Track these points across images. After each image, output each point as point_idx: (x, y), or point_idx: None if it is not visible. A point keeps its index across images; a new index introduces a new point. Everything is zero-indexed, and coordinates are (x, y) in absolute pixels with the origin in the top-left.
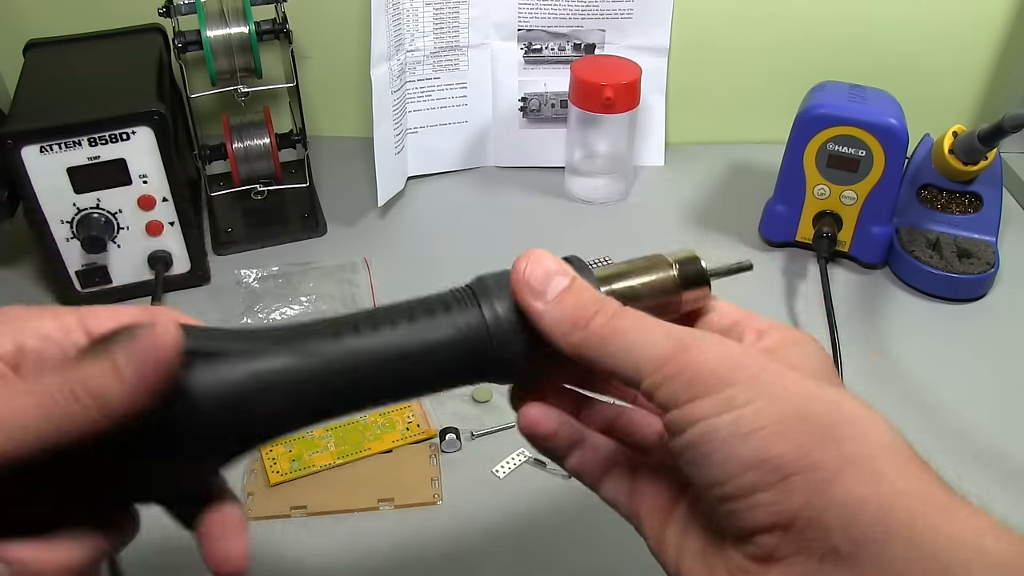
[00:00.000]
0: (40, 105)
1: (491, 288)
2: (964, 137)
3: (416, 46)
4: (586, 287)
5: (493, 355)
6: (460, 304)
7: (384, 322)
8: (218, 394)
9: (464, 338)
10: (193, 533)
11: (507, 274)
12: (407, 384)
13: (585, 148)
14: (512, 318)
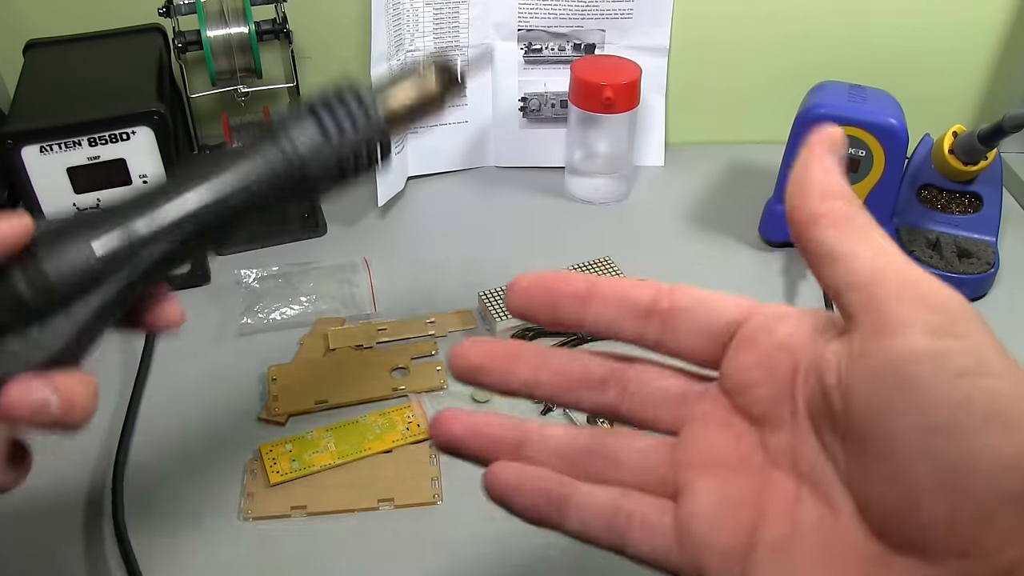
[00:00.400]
0: (40, 105)
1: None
2: (964, 137)
3: (416, 46)
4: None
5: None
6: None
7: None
8: (64, 265)
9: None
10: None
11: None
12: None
13: (585, 148)
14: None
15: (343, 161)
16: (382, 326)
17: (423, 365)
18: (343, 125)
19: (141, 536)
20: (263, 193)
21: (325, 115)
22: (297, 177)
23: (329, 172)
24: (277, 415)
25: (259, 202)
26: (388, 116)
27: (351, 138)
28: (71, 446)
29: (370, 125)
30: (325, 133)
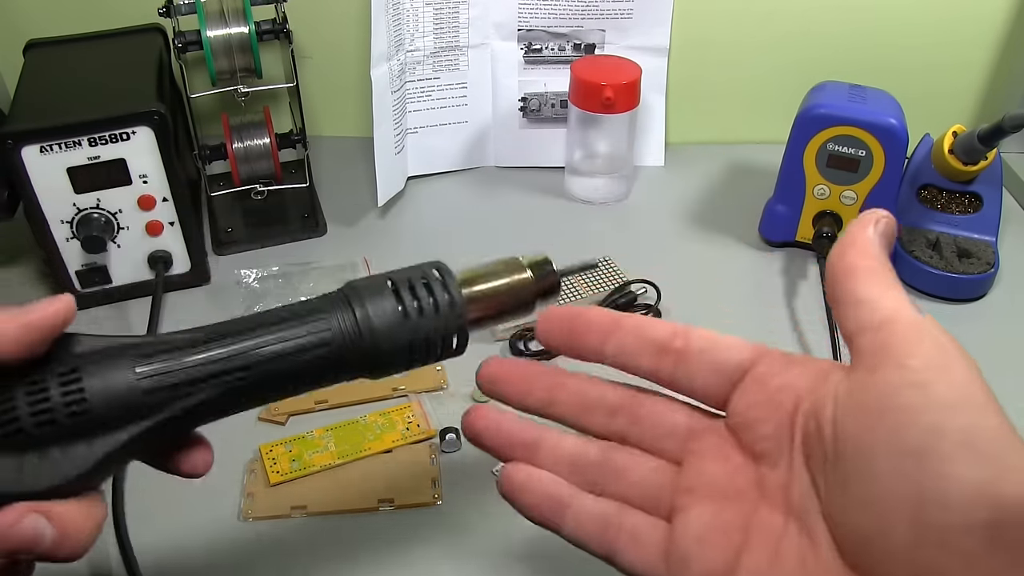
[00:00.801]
0: (40, 105)
1: (360, 291)
2: (964, 137)
3: (416, 46)
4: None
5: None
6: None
7: (259, 327)
8: (104, 388)
9: (333, 335)
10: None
11: (377, 278)
12: (284, 381)
13: (585, 148)
14: (381, 312)
15: (415, 343)
16: None
17: None
18: (424, 307)
19: (141, 536)
20: (325, 361)
21: (406, 292)
22: (365, 352)
23: (398, 353)
24: (277, 415)
25: (318, 369)
26: (472, 306)
27: (428, 323)
28: None
29: (452, 314)
30: (404, 311)
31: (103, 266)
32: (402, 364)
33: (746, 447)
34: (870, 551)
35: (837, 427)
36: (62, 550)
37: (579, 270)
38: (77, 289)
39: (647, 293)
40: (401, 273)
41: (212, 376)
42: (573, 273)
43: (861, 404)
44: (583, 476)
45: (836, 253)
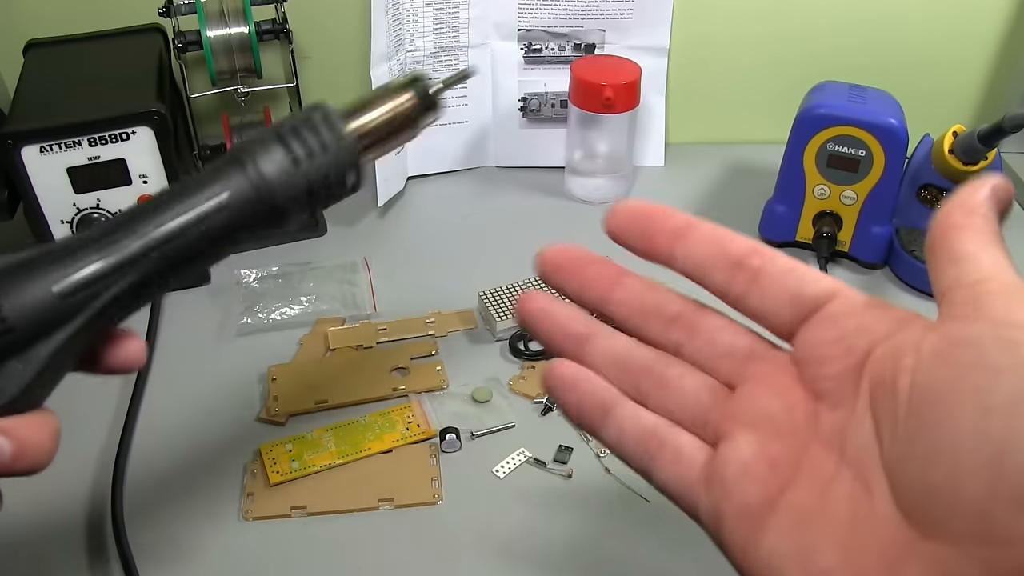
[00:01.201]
0: (40, 105)
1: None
2: (964, 137)
3: (416, 46)
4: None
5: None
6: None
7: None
8: (22, 304)
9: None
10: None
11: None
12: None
13: (585, 148)
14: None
15: (313, 186)
16: (382, 326)
17: (423, 365)
18: (312, 149)
19: (142, 536)
20: (228, 223)
21: (292, 140)
22: (265, 205)
23: (299, 199)
24: (277, 415)
25: (224, 233)
26: (360, 138)
27: (321, 162)
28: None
29: (341, 148)
30: (293, 158)
31: None
32: (303, 208)
33: (808, 383)
34: (936, 504)
35: (916, 376)
36: (22, 462)
37: (456, 81)
38: None
39: None
40: (286, 122)
41: (123, 265)
42: (451, 85)
43: (947, 357)
44: (631, 382)
45: (942, 211)
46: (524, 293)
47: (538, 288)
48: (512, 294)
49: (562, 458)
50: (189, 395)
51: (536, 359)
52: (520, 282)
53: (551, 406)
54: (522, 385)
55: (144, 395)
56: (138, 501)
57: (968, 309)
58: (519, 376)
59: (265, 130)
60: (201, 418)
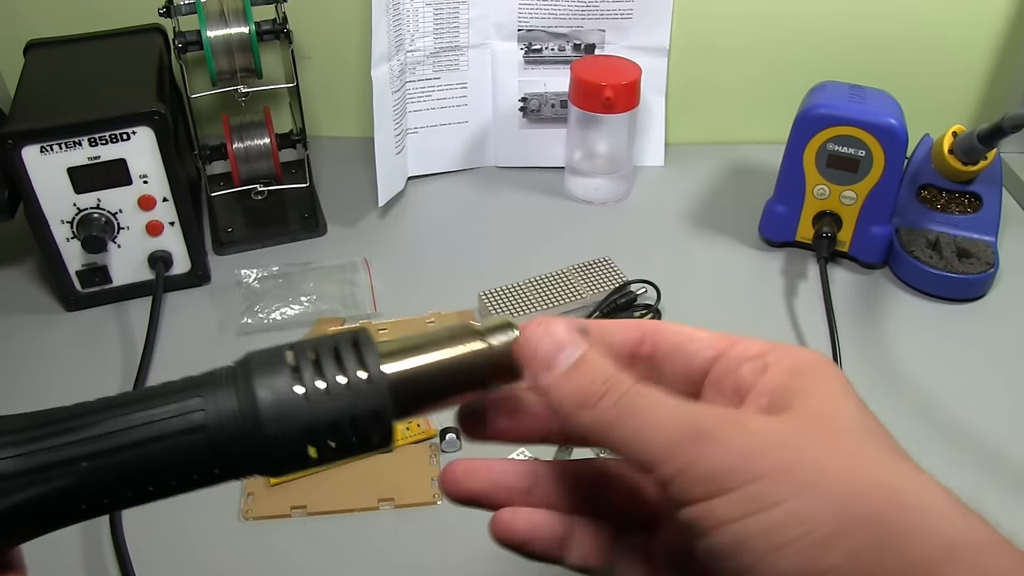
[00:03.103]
0: (40, 105)
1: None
2: (964, 137)
3: (416, 46)
4: (599, 362)
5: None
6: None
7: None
8: None
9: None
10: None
11: (277, 351)
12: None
13: (585, 148)
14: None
15: (316, 431)
16: (382, 326)
17: None
18: (330, 385)
19: (142, 536)
20: (200, 444)
21: (307, 366)
22: (248, 436)
23: (292, 442)
24: None
25: (191, 455)
26: (398, 384)
27: (334, 405)
28: None
29: (367, 393)
30: (302, 389)
31: (103, 266)
32: (300, 458)
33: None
34: None
35: None
36: None
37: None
38: (77, 289)
39: (647, 293)
40: (307, 342)
41: (35, 471)
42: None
43: None
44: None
45: None
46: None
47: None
48: (512, 294)
49: (562, 458)
50: None
51: None
52: (520, 282)
53: None
54: None
55: None
56: None
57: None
58: None
59: (282, 346)
60: None
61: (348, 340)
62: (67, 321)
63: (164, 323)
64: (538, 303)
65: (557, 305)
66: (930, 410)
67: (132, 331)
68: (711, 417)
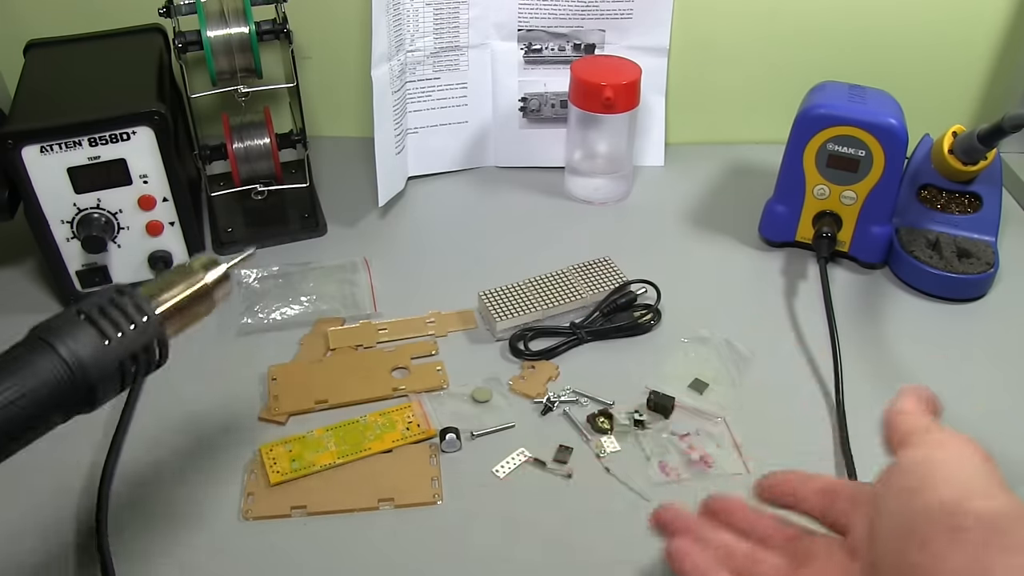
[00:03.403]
0: (40, 105)
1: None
2: (964, 137)
3: (416, 46)
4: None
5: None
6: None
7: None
8: None
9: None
10: None
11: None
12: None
13: (585, 148)
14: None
15: (124, 365)
16: (382, 326)
17: (423, 365)
18: (122, 328)
19: (141, 536)
20: (44, 403)
21: (100, 318)
22: (79, 386)
23: (108, 379)
24: (277, 415)
25: (39, 412)
26: (164, 315)
27: (130, 341)
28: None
29: (148, 326)
30: (105, 338)
31: (103, 266)
32: (114, 389)
33: (848, 549)
34: (878, 571)
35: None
36: None
37: (240, 262)
38: (77, 289)
39: (647, 293)
40: (88, 302)
41: None
42: (235, 266)
43: (885, 470)
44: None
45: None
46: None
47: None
48: (512, 294)
49: (562, 458)
50: (189, 395)
51: (536, 359)
52: (520, 282)
53: (551, 406)
54: (522, 385)
55: (143, 395)
56: (138, 501)
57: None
58: (519, 376)
59: (68, 310)
60: (201, 418)
61: (115, 292)
62: None
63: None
64: (538, 303)
65: (557, 305)
66: None
67: None
68: None
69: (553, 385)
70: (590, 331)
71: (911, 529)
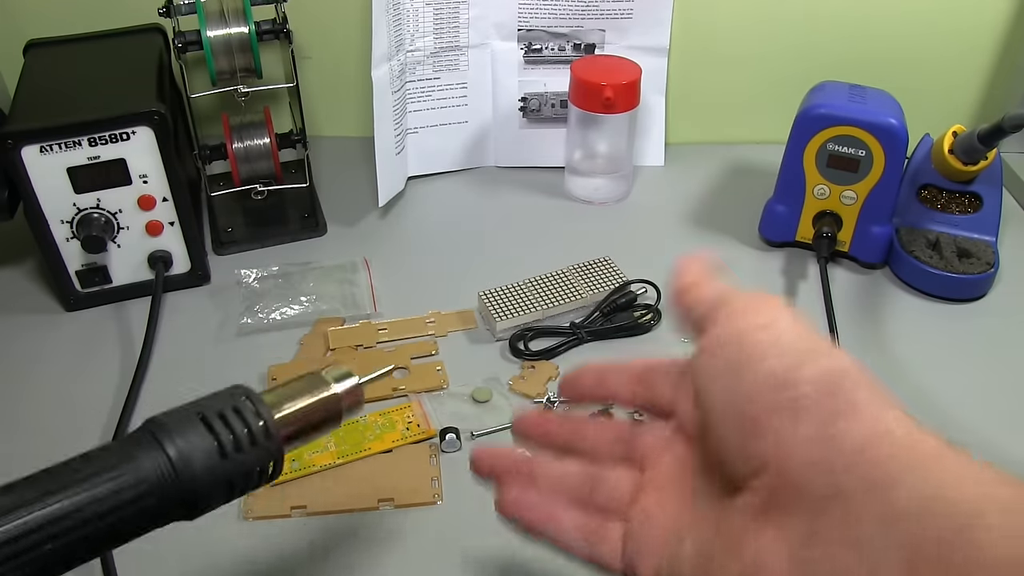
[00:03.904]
0: (40, 105)
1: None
2: (964, 137)
3: (416, 46)
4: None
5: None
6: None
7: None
8: None
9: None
10: None
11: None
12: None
13: (585, 148)
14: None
15: (234, 480)
16: (382, 326)
17: (423, 365)
18: (240, 440)
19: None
20: (141, 512)
21: (219, 425)
22: (184, 494)
23: (216, 490)
24: None
25: (136, 519)
26: (286, 435)
27: (246, 456)
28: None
29: (268, 443)
30: (220, 447)
31: (103, 266)
32: (220, 500)
33: (682, 431)
34: (721, 467)
35: (694, 372)
36: None
37: (379, 378)
38: (77, 289)
39: (647, 293)
40: (208, 403)
41: (13, 557)
42: (374, 381)
43: (700, 351)
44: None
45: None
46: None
47: (539, 288)
48: (512, 294)
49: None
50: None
51: (536, 359)
52: (520, 282)
53: (551, 406)
54: (522, 385)
55: (142, 394)
56: None
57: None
58: (519, 376)
59: (187, 409)
60: None
61: (242, 397)
62: (67, 321)
63: (164, 323)
64: (538, 303)
65: (557, 305)
66: (930, 410)
67: (132, 331)
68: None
69: (553, 385)
70: (590, 331)
71: (742, 413)
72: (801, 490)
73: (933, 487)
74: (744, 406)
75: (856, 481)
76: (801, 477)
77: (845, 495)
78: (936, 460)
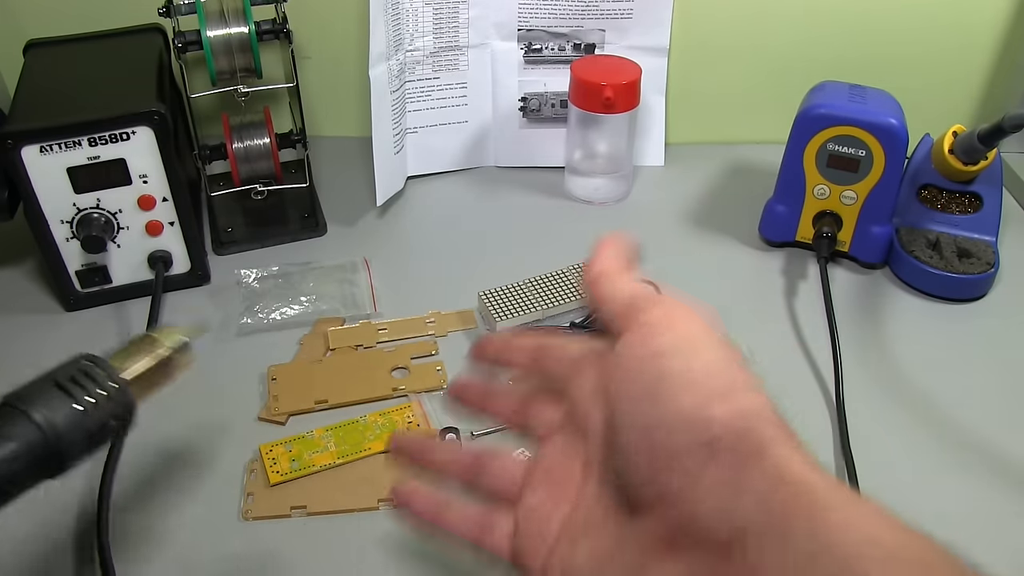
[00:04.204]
0: (40, 105)
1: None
2: (964, 137)
3: (416, 46)
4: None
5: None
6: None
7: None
8: None
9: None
10: None
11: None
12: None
13: (585, 148)
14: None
15: (93, 435)
16: (382, 326)
17: (423, 365)
18: (97, 398)
19: (141, 535)
20: (18, 472)
21: (75, 388)
22: (53, 454)
23: (78, 446)
24: (277, 415)
25: (11, 481)
26: (132, 385)
27: (103, 411)
28: None
29: (121, 396)
30: (79, 407)
31: (103, 266)
32: (82, 455)
33: (576, 426)
34: (627, 488)
35: (610, 390)
36: None
37: (199, 334)
38: (77, 289)
39: None
40: (59, 371)
41: None
42: (195, 338)
43: (615, 365)
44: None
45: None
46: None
47: (539, 288)
48: (512, 294)
49: None
50: (189, 394)
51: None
52: (520, 282)
53: None
54: None
55: None
56: (137, 500)
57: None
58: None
59: (40, 379)
60: (201, 417)
61: (85, 362)
62: (67, 321)
63: (164, 323)
64: (538, 303)
65: (557, 305)
66: (930, 410)
67: (132, 331)
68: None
69: None
70: (590, 331)
71: (656, 445)
72: (707, 532)
73: (821, 540)
74: (659, 437)
75: (757, 528)
76: (708, 520)
77: (745, 543)
78: (825, 511)
